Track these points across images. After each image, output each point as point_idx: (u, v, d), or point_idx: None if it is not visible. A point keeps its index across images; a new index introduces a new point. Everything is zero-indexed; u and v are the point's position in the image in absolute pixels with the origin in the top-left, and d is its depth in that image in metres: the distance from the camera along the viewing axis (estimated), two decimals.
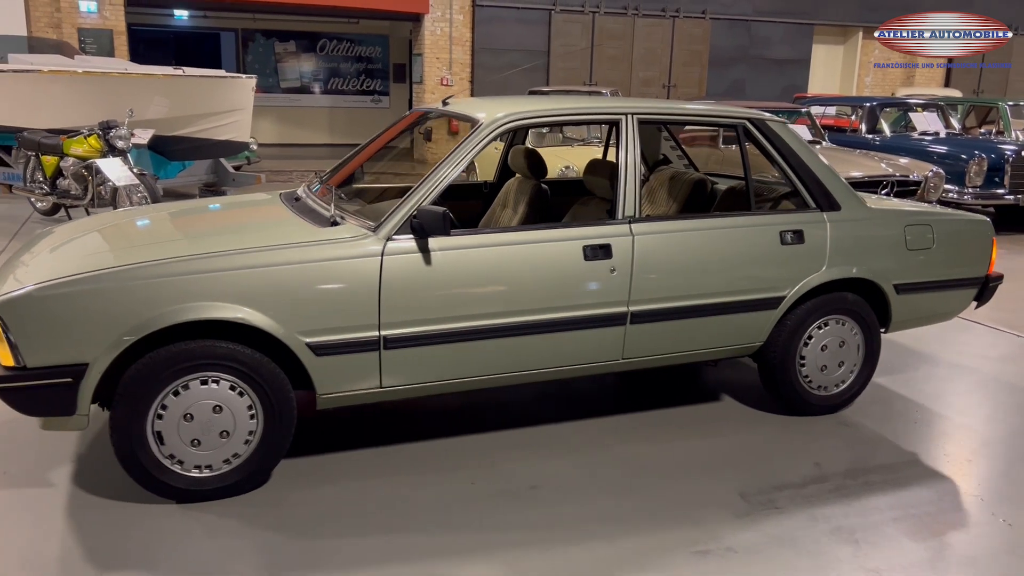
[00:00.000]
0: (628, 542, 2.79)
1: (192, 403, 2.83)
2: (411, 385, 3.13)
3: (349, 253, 2.96)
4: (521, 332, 3.21)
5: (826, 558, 2.73)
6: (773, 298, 3.60)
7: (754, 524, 2.92)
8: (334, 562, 2.63)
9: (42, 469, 3.15)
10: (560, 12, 15.55)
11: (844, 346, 3.82)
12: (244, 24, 16.49)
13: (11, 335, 2.63)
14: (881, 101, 10.50)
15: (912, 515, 3.01)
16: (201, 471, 2.91)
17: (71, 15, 12.99)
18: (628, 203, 3.39)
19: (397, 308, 2.99)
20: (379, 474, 3.21)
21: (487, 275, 3.14)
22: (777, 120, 3.74)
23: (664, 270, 3.39)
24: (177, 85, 8.93)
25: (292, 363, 2.94)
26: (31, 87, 9.14)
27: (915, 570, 2.67)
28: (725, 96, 16.46)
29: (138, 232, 3.49)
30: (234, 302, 2.79)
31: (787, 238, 3.59)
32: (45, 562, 2.58)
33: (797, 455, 3.48)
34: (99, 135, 7.31)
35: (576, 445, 3.52)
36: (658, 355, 3.51)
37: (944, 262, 3.94)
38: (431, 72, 15.02)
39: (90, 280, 2.71)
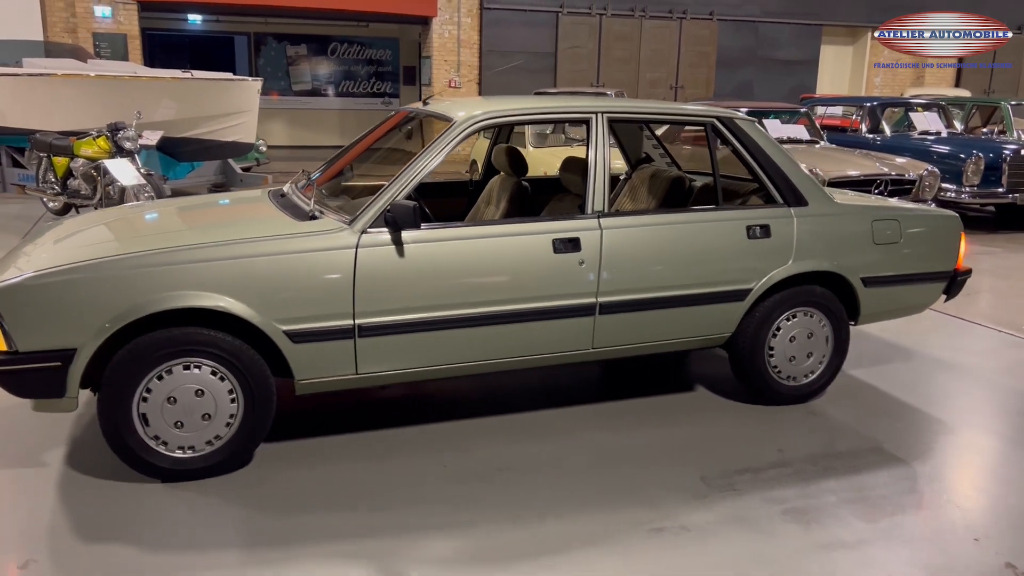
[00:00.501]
0: (586, 520, 2.92)
1: (175, 387, 2.99)
2: (386, 372, 3.28)
3: (325, 245, 3.12)
4: (492, 322, 3.35)
5: (776, 536, 2.85)
6: (740, 290, 3.72)
7: (711, 505, 3.05)
8: (306, 537, 2.78)
9: (37, 451, 3.33)
10: (567, 14, 15.69)
11: (812, 337, 3.93)
12: (256, 28, 16.74)
13: (4, 321, 2.80)
14: (881, 101, 10.55)
15: (865, 497, 3.13)
16: (184, 452, 3.07)
17: (86, 20, 13.28)
18: (597, 198, 3.53)
19: (371, 298, 3.14)
20: (356, 458, 3.36)
21: (458, 267, 3.28)
22: (745, 119, 3.87)
23: (632, 263, 3.52)
24: (185, 88, 9.14)
25: (271, 350, 3.10)
26: (45, 90, 9.39)
27: (861, 547, 2.79)
28: (732, 97, 16.55)
29: (131, 226, 3.66)
30: (214, 291, 2.95)
31: (754, 232, 3.72)
32: (37, 534, 2.75)
33: (762, 442, 3.60)
34: (108, 136, 7.52)
35: (549, 432, 3.66)
36: (628, 345, 3.64)
37: (911, 256, 4.04)
38: (439, 74, 15.20)
39: (78, 270, 2.88)
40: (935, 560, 2.72)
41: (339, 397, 3.95)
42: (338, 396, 3.95)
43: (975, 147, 9.08)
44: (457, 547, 2.75)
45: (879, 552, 2.76)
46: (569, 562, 2.67)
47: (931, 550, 2.78)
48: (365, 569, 2.60)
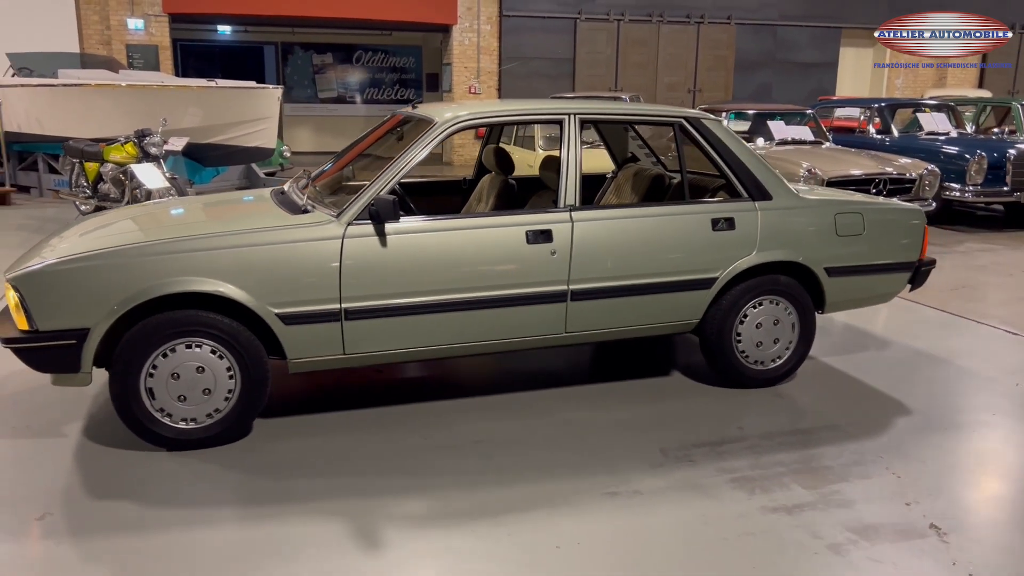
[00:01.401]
0: (548, 485, 3.20)
1: (178, 364, 3.32)
2: (371, 353, 3.58)
3: (314, 236, 3.43)
4: (470, 307, 3.63)
5: (722, 500, 3.10)
6: (706, 279, 3.97)
7: (665, 473, 3.30)
8: (295, 498, 3.08)
9: (58, 424, 3.68)
10: (585, 20, 15.97)
11: (779, 324, 4.16)
12: (284, 38, 17.24)
13: (26, 303, 3.15)
14: (889, 103, 10.68)
15: (812, 468, 3.37)
16: (187, 423, 3.40)
17: (120, 32, 13.83)
18: (569, 193, 3.80)
19: (356, 284, 3.45)
20: (347, 432, 3.67)
21: (437, 256, 3.57)
22: (712, 118, 4.12)
23: (601, 253, 3.79)
24: (209, 96, 9.57)
25: (266, 331, 3.42)
26: (79, 100, 9.89)
27: (798, 510, 3.03)
28: (751, 99, 16.69)
29: (142, 220, 4.00)
30: (213, 277, 3.28)
31: (718, 225, 3.96)
32: (54, 493, 3.08)
33: (725, 420, 3.85)
34: (135, 143, 7.93)
35: (526, 411, 3.93)
36: (599, 330, 3.91)
37: (875, 248, 4.26)
38: (460, 81, 15.55)
39: (91, 258, 3.23)
40: (865, 521, 2.95)
41: (336, 379, 4.26)
42: (335, 378, 4.27)
43: (979, 147, 9.20)
44: (428, 507, 3.03)
45: (815, 514, 3.00)
46: (527, 521, 2.95)
47: (863, 512, 3.01)
48: (345, 524, 2.90)
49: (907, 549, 2.78)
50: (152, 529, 2.85)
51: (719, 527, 2.92)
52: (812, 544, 2.81)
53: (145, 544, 2.76)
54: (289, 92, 17.54)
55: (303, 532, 2.85)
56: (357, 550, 2.74)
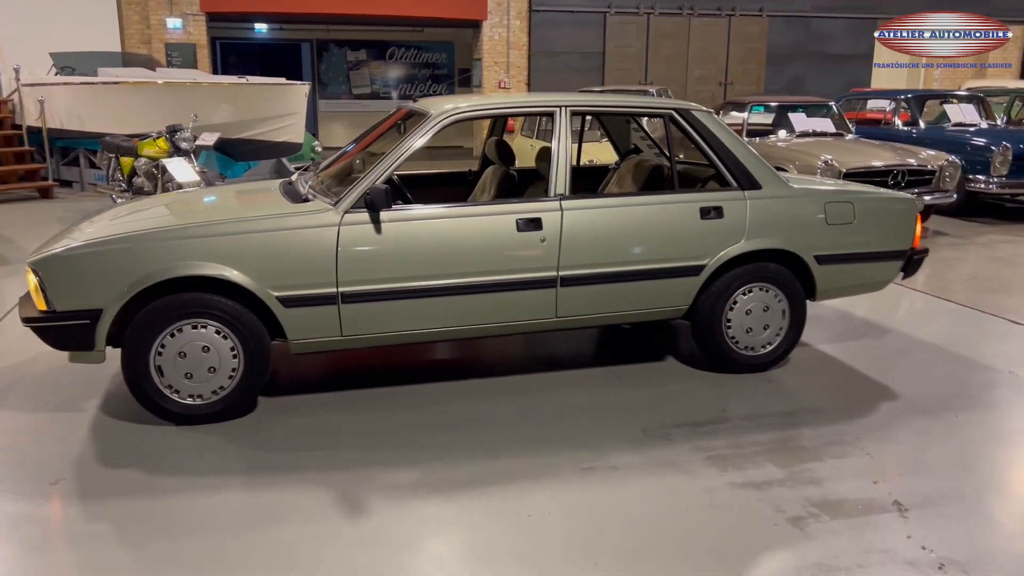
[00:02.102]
0: (532, 460, 3.36)
1: (185, 343, 3.54)
2: (367, 335, 3.77)
3: (312, 223, 3.62)
4: (462, 292, 3.80)
5: (693, 475, 3.23)
6: (695, 266, 4.08)
7: (643, 451, 3.44)
8: (293, 468, 3.28)
9: (77, 400, 3.93)
10: (615, 14, 16.02)
11: (768, 311, 4.26)
12: (318, 35, 17.57)
13: (44, 286, 3.39)
14: (916, 94, 10.61)
15: (787, 448, 3.48)
16: (193, 399, 3.62)
17: (159, 31, 14.23)
18: (559, 183, 3.94)
19: (352, 269, 3.63)
20: (342, 410, 3.87)
21: (430, 243, 3.74)
22: (702, 110, 4.23)
23: (590, 241, 3.92)
24: (240, 92, 9.86)
25: (268, 313, 3.62)
26: (117, 97, 10.27)
27: (766, 486, 3.15)
28: (783, 92, 16.59)
29: (158, 208, 4.23)
30: (217, 262, 3.49)
31: (708, 213, 4.08)
32: (68, 460, 3.32)
33: (710, 402, 3.97)
34: (167, 138, 8.24)
35: (522, 393, 4.09)
36: (590, 315, 4.05)
37: (865, 236, 4.33)
38: (490, 76, 15.72)
39: (103, 244, 3.46)
40: (830, 497, 3.06)
41: (339, 361, 4.47)
42: (338, 359, 4.48)
43: (1005, 138, 9.11)
44: (415, 478, 3.21)
45: (782, 490, 3.12)
46: (506, 491, 3.11)
47: (830, 489, 3.12)
48: (336, 491, 3.09)
49: (866, 523, 2.89)
50: (156, 494, 3.07)
51: (686, 500, 3.05)
52: (773, 517, 2.93)
53: (148, 507, 2.98)
54: (324, 88, 17.91)
55: (297, 499, 3.05)
56: (343, 515, 2.93)
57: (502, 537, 2.81)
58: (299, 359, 4.43)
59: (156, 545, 2.75)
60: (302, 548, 2.73)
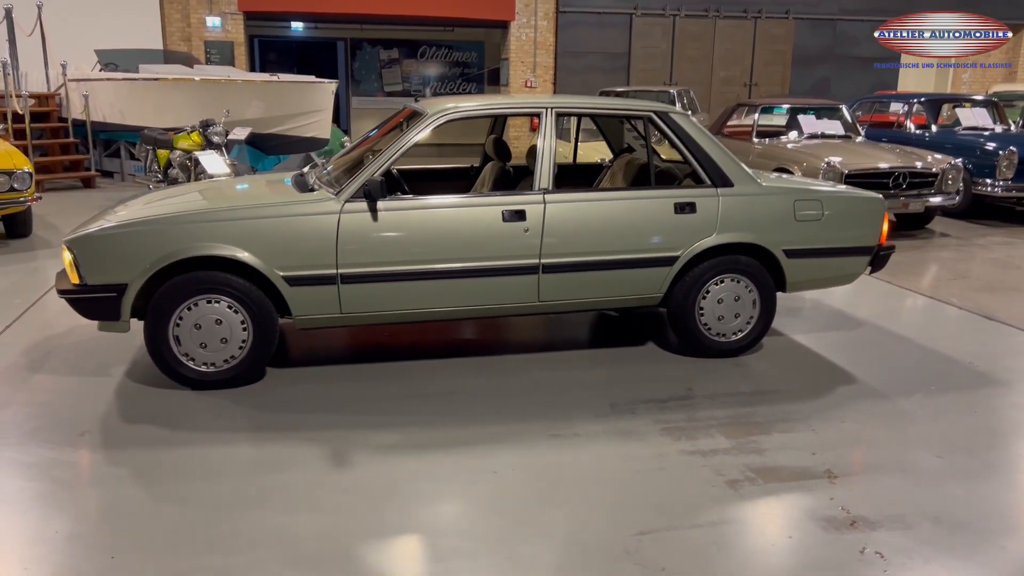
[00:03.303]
0: (501, 428, 3.73)
1: (200, 316, 3.96)
2: (364, 313, 4.16)
3: (316, 211, 4.03)
4: (451, 276, 4.18)
5: (647, 443, 3.58)
6: (668, 257, 4.41)
7: (607, 422, 3.79)
8: (290, 427, 3.69)
9: (106, 367, 4.38)
10: (641, 15, 16.30)
11: (739, 300, 4.58)
12: (352, 34, 18.05)
13: (77, 262, 3.84)
14: (929, 97, 10.77)
15: (739, 423, 3.80)
16: (208, 367, 4.04)
17: (199, 30, 14.82)
18: (543, 178, 4.30)
19: (351, 253, 4.03)
20: (341, 381, 4.27)
21: (422, 231, 4.12)
22: (680, 112, 4.56)
23: (570, 231, 4.28)
24: (271, 89, 10.35)
25: (275, 291, 4.03)
26: (156, 92, 10.82)
27: (712, 454, 3.48)
28: (808, 94, 16.74)
29: (183, 196, 4.66)
30: (229, 243, 3.91)
31: (681, 209, 4.40)
32: (95, 417, 3.77)
33: (679, 382, 4.30)
34: (200, 132, 8.74)
35: (504, 370, 4.46)
36: (569, 300, 4.40)
37: (833, 232, 4.63)
38: (516, 75, 16.09)
39: (130, 226, 3.91)
40: (770, 464, 3.39)
41: (341, 338, 4.88)
42: (341, 336, 4.88)
43: (1013, 142, 9.27)
44: (395, 439, 3.59)
45: (727, 457, 3.45)
46: (472, 452, 3.48)
47: (770, 458, 3.45)
48: (323, 448, 3.49)
49: (795, 487, 3.22)
50: (171, 446, 3.50)
51: (636, 463, 3.40)
52: (713, 479, 3.27)
53: (163, 456, 3.40)
54: (357, 85, 18.39)
55: (295, 453, 3.45)
56: (332, 467, 3.33)
57: (466, 487, 3.18)
58: (309, 337, 4.85)
59: (168, 486, 3.17)
60: (299, 493, 3.13)
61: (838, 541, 2.84)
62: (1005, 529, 2.95)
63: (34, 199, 7.50)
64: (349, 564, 2.69)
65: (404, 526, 2.93)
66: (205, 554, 2.72)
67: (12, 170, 7.24)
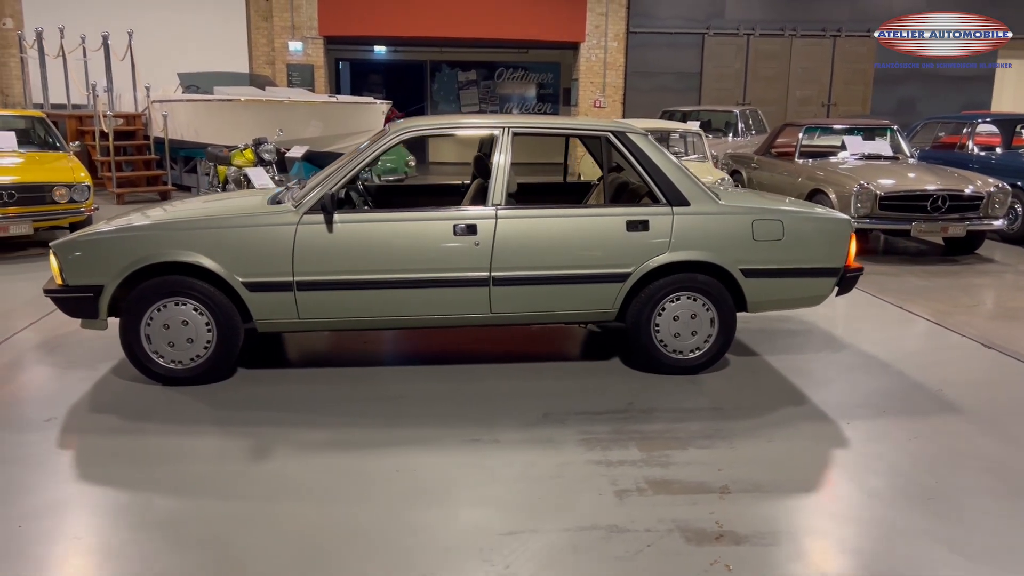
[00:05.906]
0: (430, 430, 3.89)
1: (169, 317, 4.31)
2: (320, 319, 4.42)
3: (275, 222, 4.32)
4: (403, 286, 4.39)
5: (560, 451, 3.67)
6: (620, 273, 4.49)
7: (532, 430, 3.90)
8: (233, 422, 3.97)
9: (92, 362, 4.80)
10: (714, 35, 16.19)
11: (696, 318, 4.60)
12: (432, 56, 18.66)
13: (61, 264, 4.25)
14: (995, 118, 10.32)
15: (663, 437, 3.84)
16: (175, 364, 4.38)
17: (282, 54, 15.65)
18: (497, 193, 4.47)
19: (307, 261, 4.29)
20: (299, 383, 4.54)
21: (374, 243, 4.35)
22: (638, 132, 4.64)
23: (521, 246, 4.42)
24: (327, 110, 10.87)
25: (239, 297, 4.33)
26: (229, 112, 11.53)
27: (617, 465, 3.54)
28: (891, 114, 16.20)
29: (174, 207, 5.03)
30: (194, 251, 4.24)
31: (634, 226, 4.48)
32: (63, 404, 4.15)
33: (623, 396, 4.36)
34: (252, 149, 9.30)
35: (460, 378, 4.63)
36: (521, 312, 4.53)
37: (794, 253, 4.59)
38: (585, 95, 16.25)
39: (105, 234, 4.29)
40: (667, 477, 3.43)
41: (316, 343, 5.15)
42: (316, 341, 5.16)
43: None
44: (324, 438, 3.82)
45: (629, 469, 3.51)
46: (394, 451, 3.66)
47: (673, 472, 3.48)
48: (250, 441, 3.75)
49: (682, 500, 3.25)
50: (127, 434, 3.84)
51: (539, 470, 3.51)
52: (605, 489, 3.34)
53: (116, 444, 3.74)
54: (436, 107, 18.95)
55: (223, 444, 3.73)
56: (254, 458, 3.59)
57: (364, 482, 3.37)
58: (297, 342, 5.15)
59: (114, 469, 3.49)
60: (205, 478, 3.39)
61: (694, 553, 2.88)
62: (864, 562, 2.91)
63: (92, 209, 8.15)
64: (221, 546, 2.92)
65: (276, 516, 3.13)
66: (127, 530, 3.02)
67: (73, 183, 7.91)
